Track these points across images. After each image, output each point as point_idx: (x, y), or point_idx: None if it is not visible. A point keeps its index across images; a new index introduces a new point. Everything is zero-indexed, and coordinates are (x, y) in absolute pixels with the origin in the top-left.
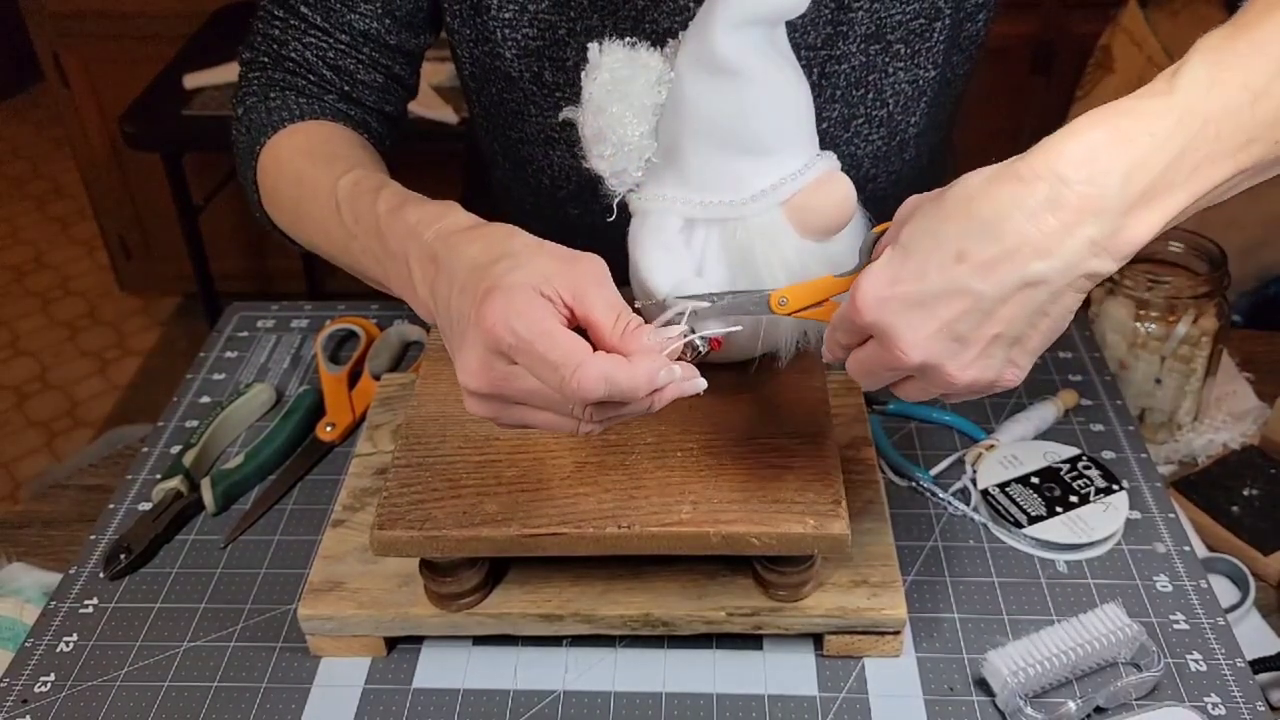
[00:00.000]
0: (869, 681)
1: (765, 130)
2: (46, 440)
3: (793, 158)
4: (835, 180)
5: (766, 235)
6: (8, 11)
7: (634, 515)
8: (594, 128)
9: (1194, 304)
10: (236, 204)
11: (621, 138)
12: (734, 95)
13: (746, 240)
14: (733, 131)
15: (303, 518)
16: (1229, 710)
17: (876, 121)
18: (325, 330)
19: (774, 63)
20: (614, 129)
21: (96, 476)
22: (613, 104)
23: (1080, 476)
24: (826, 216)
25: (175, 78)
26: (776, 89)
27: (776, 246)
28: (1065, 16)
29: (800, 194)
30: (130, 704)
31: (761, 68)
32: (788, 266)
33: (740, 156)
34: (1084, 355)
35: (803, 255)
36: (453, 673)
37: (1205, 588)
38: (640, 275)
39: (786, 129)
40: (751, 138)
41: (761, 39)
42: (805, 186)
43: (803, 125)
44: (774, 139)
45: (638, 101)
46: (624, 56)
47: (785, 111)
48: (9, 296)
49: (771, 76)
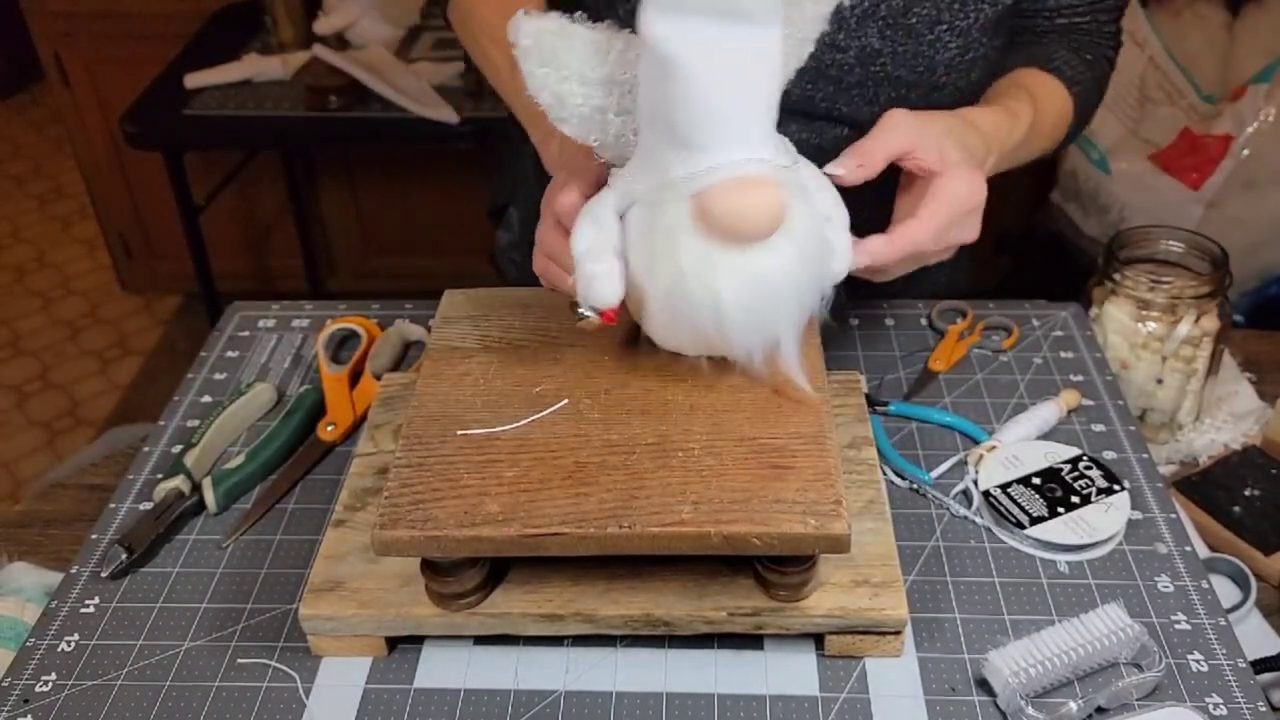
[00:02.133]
0: (870, 681)
1: (687, 123)
2: (48, 440)
3: (712, 154)
4: (746, 187)
5: (669, 229)
6: (9, 11)
7: (635, 515)
8: (533, 94)
9: (1195, 304)
10: (237, 203)
11: (561, 105)
12: (661, 82)
13: (661, 230)
14: (663, 117)
15: (304, 517)
16: (1230, 711)
17: (957, 31)
18: (326, 330)
19: (714, 53)
20: (543, 95)
21: (97, 476)
22: (537, 69)
23: (1081, 477)
24: (725, 221)
25: (176, 77)
26: (706, 82)
27: (673, 241)
28: None
29: (704, 193)
30: (131, 704)
31: (692, 58)
32: (677, 265)
33: (668, 144)
34: (1085, 355)
35: (695, 258)
36: (454, 673)
37: (1206, 588)
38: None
39: (713, 124)
40: (673, 127)
41: (702, 27)
42: (711, 186)
43: (739, 122)
44: (695, 133)
45: (578, 72)
46: (550, 27)
47: (714, 106)
48: (10, 296)
49: (705, 69)
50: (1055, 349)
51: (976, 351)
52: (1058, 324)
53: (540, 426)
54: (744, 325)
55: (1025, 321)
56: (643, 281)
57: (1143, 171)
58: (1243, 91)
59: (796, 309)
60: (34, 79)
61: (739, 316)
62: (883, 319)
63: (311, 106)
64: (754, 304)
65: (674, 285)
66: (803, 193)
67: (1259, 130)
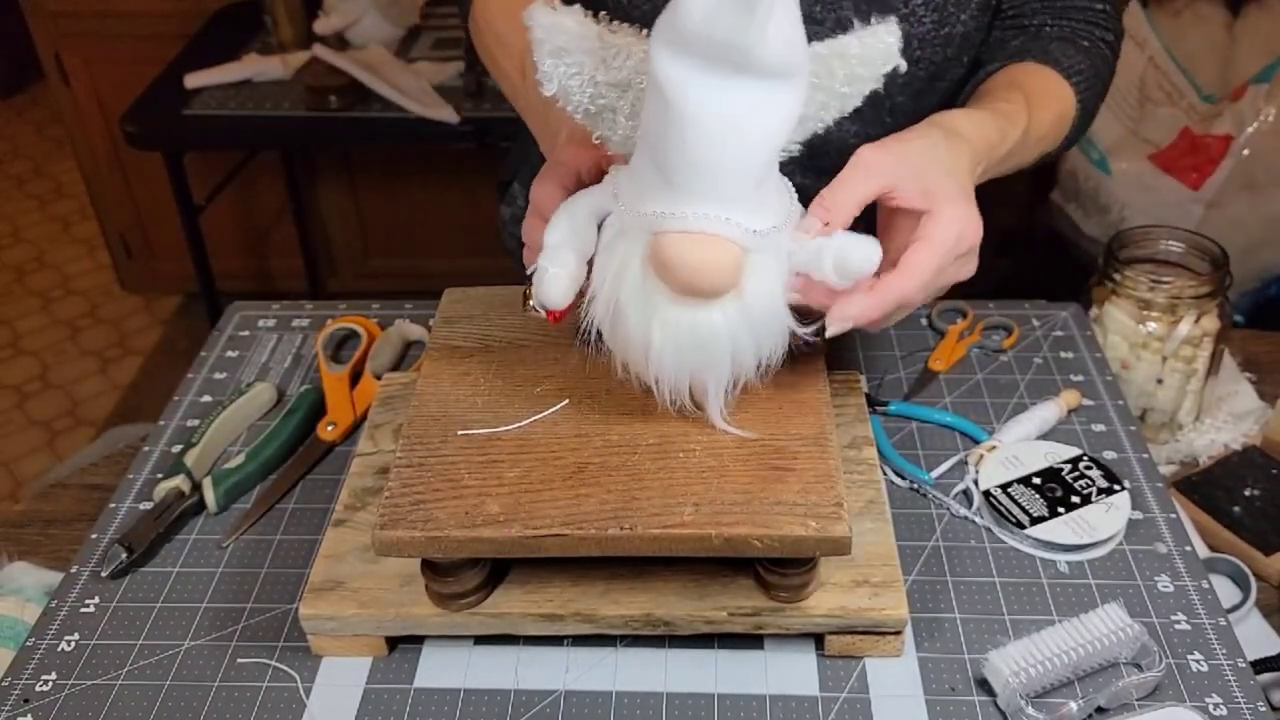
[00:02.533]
0: (870, 681)
1: (671, 162)
2: (48, 439)
3: (687, 200)
4: (701, 244)
5: (624, 259)
6: (9, 10)
7: (635, 517)
8: (542, 83)
9: (1195, 304)
10: (238, 203)
11: (567, 99)
12: (657, 113)
13: (617, 255)
14: (654, 145)
15: (304, 517)
16: (1230, 711)
17: (933, 6)
18: (326, 329)
19: (714, 102)
20: (550, 86)
21: (97, 476)
22: (547, 60)
23: (1082, 477)
24: (673, 272)
25: (176, 77)
26: (699, 130)
27: (623, 272)
28: None
29: (662, 237)
30: (131, 703)
31: (689, 102)
32: (619, 296)
33: (653, 172)
34: (1085, 355)
35: (638, 296)
36: (454, 672)
37: (1207, 588)
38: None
39: (696, 172)
40: (660, 160)
41: (704, 66)
42: (670, 233)
43: (722, 176)
44: (677, 175)
45: (589, 71)
46: (567, 23)
47: (701, 155)
48: (10, 296)
49: (700, 115)
50: (1055, 349)
51: (977, 351)
52: (1058, 324)
53: (541, 427)
54: (671, 372)
55: (1025, 321)
56: (594, 293)
57: (1143, 171)
58: (1243, 91)
59: (729, 368)
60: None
61: (667, 363)
62: None
63: (312, 106)
64: (684, 355)
65: (615, 314)
66: (777, 256)
67: (1259, 130)
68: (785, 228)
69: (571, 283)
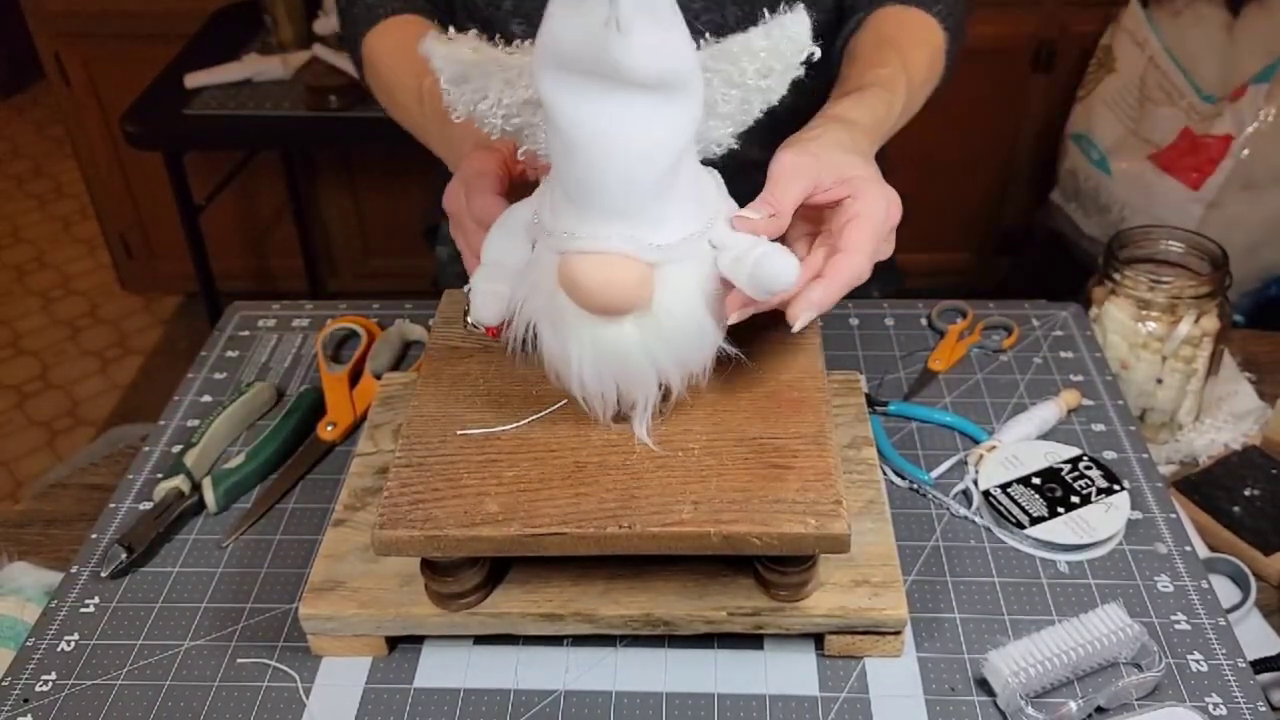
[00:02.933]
0: (870, 681)
1: (570, 182)
2: (48, 439)
3: (590, 220)
4: (604, 264)
5: (538, 278)
6: (9, 10)
7: (635, 515)
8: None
9: (1195, 304)
10: (238, 203)
11: (481, 123)
12: (550, 133)
13: (533, 273)
14: (556, 165)
15: (304, 517)
16: (1230, 710)
17: None
18: (326, 329)
19: (601, 120)
20: (459, 111)
21: (97, 475)
22: (453, 89)
23: (1081, 477)
24: (578, 292)
25: (176, 77)
26: (591, 150)
27: (538, 289)
28: (1066, 15)
29: (567, 258)
30: (131, 703)
31: (577, 122)
32: (536, 313)
33: (561, 191)
34: (1085, 355)
35: (552, 313)
36: (454, 672)
37: (1206, 588)
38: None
39: (593, 191)
40: (562, 180)
41: (581, 85)
42: (573, 253)
43: (621, 195)
44: (577, 194)
45: (494, 94)
46: (463, 52)
47: (595, 174)
48: (10, 296)
49: (588, 134)
50: (1055, 349)
51: (976, 351)
52: (1058, 324)
53: (540, 426)
54: (595, 385)
55: (1025, 321)
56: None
57: (1143, 171)
58: (1243, 91)
59: (652, 381)
60: (34, 79)
61: (589, 377)
62: (882, 319)
63: (311, 106)
64: (605, 369)
65: (536, 332)
66: (696, 263)
67: (1259, 130)
68: (710, 230)
69: (498, 300)
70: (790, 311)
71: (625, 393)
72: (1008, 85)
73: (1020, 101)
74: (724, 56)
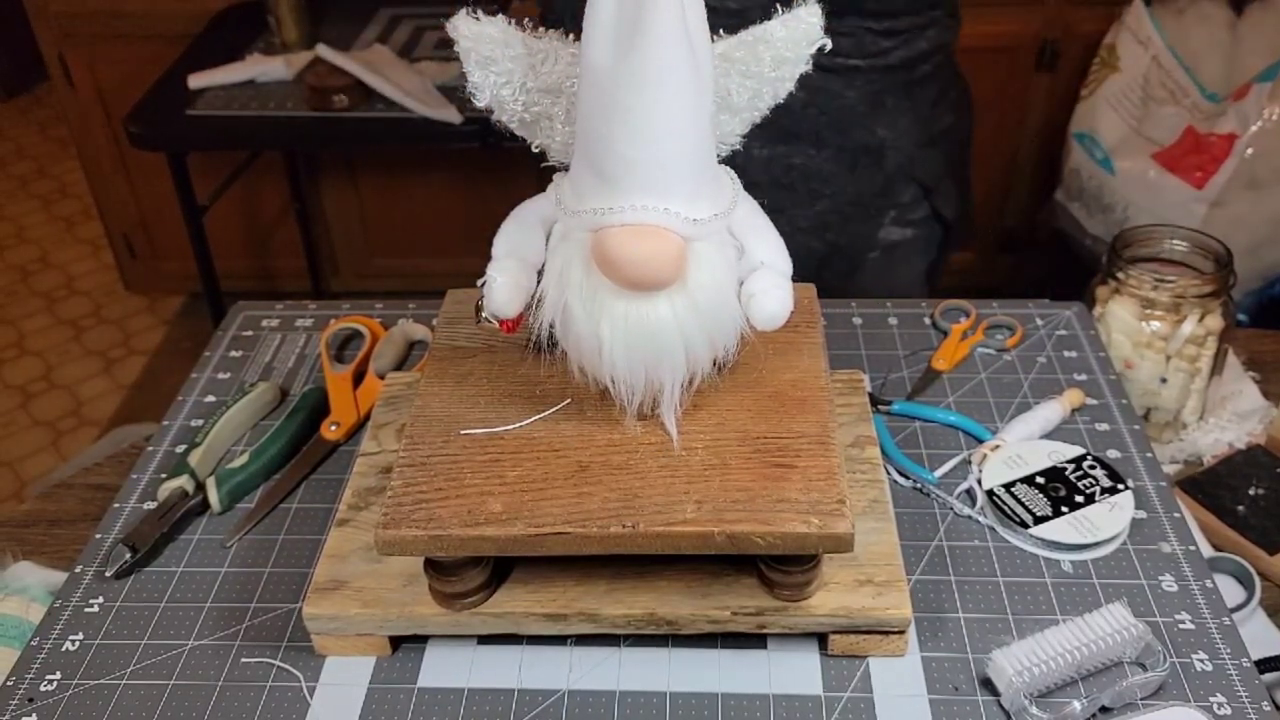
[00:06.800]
0: (873, 681)
1: (605, 156)
2: (52, 439)
3: (623, 194)
4: (641, 236)
5: (567, 258)
6: (12, 11)
7: (638, 515)
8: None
9: (1199, 303)
10: (241, 203)
11: (500, 109)
12: (589, 108)
13: (561, 255)
14: (588, 142)
15: (307, 517)
16: (1235, 710)
17: None
18: (330, 329)
19: (644, 93)
20: (482, 96)
21: (101, 475)
22: (475, 71)
23: (1085, 476)
24: (616, 267)
25: (180, 78)
26: (631, 122)
27: (568, 272)
28: (1069, 14)
29: (602, 233)
30: (135, 703)
31: (619, 94)
32: (566, 296)
33: (589, 170)
34: (1089, 354)
35: (584, 294)
36: (457, 672)
37: (1211, 587)
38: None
39: (630, 164)
40: (594, 156)
41: (636, 65)
42: (609, 228)
43: (657, 166)
44: (612, 168)
45: (519, 79)
46: (491, 31)
47: (634, 146)
48: (15, 296)
49: (631, 107)
50: (1059, 348)
51: (980, 351)
52: (1061, 323)
53: (543, 426)
54: (625, 369)
55: (1029, 321)
56: (542, 297)
57: (1146, 170)
58: (1247, 90)
59: (683, 361)
60: (38, 80)
61: (620, 360)
62: (886, 318)
63: (315, 106)
64: (636, 351)
65: (564, 315)
66: (721, 245)
67: (1263, 129)
68: (727, 215)
69: (519, 291)
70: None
71: (653, 378)
72: (1011, 84)
73: (1023, 100)
74: (743, 46)
